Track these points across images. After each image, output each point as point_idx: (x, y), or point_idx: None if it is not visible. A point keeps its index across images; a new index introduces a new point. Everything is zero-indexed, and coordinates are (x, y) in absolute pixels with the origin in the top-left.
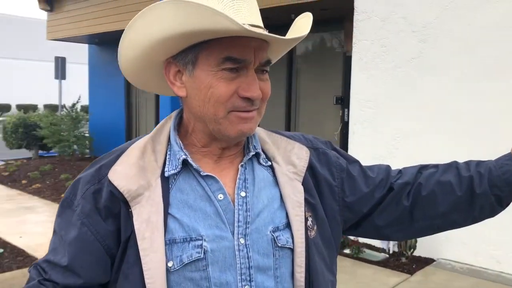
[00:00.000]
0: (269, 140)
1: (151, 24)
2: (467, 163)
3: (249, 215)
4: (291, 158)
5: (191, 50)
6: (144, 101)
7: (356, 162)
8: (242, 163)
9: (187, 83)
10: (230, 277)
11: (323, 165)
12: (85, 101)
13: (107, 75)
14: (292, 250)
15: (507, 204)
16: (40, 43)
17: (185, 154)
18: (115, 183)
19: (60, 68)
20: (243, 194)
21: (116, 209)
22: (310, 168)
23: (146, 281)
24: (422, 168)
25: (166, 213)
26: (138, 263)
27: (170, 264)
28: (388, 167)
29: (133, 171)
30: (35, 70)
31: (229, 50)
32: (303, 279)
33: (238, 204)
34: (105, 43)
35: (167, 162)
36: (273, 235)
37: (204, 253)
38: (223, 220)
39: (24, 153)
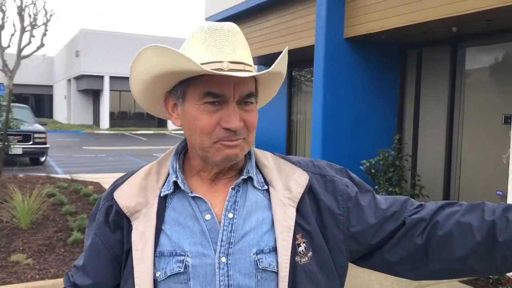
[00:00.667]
0: (272, 165)
1: (145, 63)
2: (497, 205)
3: (233, 236)
4: (290, 183)
5: (181, 85)
6: (303, 118)
7: (370, 192)
8: (233, 186)
9: (181, 115)
10: None
11: (328, 193)
12: None
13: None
14: (276, 273)
15: None
16: None
17: (176, 177)
18: (118, 200)
19: None
20: (230, 215)
21: (122, 223)
22: (312, 194)
23: (137, 284)
24: (446, 205)
25: (159, 229)
26: (131, 271)
27: (157, 275)
28: (407, 199)
29: (135, 190)
30: None
31: (209, 86)
32: None
33: (224, 225)
34: (271, 64)
35: (166, 184)
36: (256, 257)
37: (185, 267)
38: (207, 239)
39: None
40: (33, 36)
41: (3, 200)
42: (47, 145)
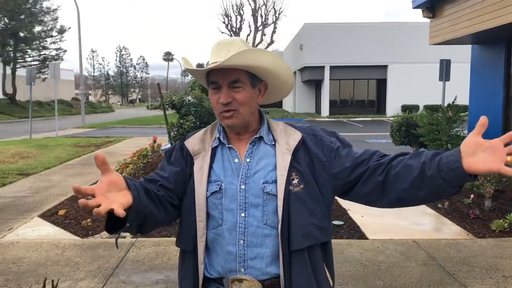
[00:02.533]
0: (280, 129)
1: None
2: (431, 152)
3: (249, 172)
4: (289, 140)
5: (206, 78)
6: None
7: (349, 146)
8: (250, 141)
9: None
10: (234, 206)
11: (318, 146)
12: (462, 100)
13: (488, 74)
14: (276, 196)
15: (457, 187)
16: (425, 45)
17: (219, 135)
18: (187, 146)
19: (445, 70)
20: (248, 160)
21: (188, 159)
22: (306, 148)
23: (196, 201)
24: (402, 154)
25: (211, 166)
26: (193, 189)
27: (208, 194)
28: (375, 151)
29: (197, 141)
30: (420, 72)
31: (210, 78)
32: (281, 214)
33: (243, 166)
34: (486, 41)
35: (215, 140)
36: (263, 185)
37: (220, 189)
38: (234, 173)
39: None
40: (264, 35)
41: None
42: None
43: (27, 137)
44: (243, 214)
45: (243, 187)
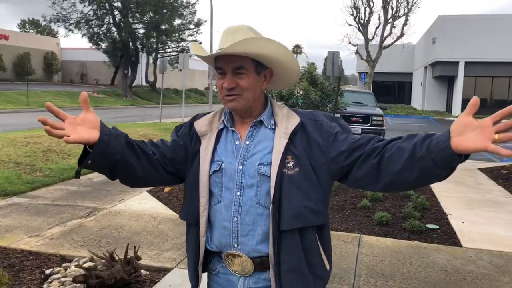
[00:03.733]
0: (283, 113)
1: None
2: (424, 134)
3: (247, 154)
4: (288, 124)
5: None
6: None
7: (348, 132)
8: (251, 125)
9: None
10: (232, 184)
11: (316, 131)
12: None
13: None
14: (269, 177)
15: (447, 168)
16: None
17: (224, 118)
18: (195, 126)
19: None
20: (247, 142)
21: (194, 137)
22: (303, 131)
23: (200, 178)
24: (397, 138)
25: (215, 147)
26: (198, 167)
27: (210, 172)
28: (373, 136)
29: (205, 123)
30: None
31: (217, 63)
32: (272, 195)
33: (242, 147)
34: None
35: (221, 123)
36: (258, 167)
37: (220, 168)
38: (234, 154)
39: None
40: (394, 27)
41: None
42: (383, 127)
43: (158, 121)
44: (238, 193)
45: (240, 167)
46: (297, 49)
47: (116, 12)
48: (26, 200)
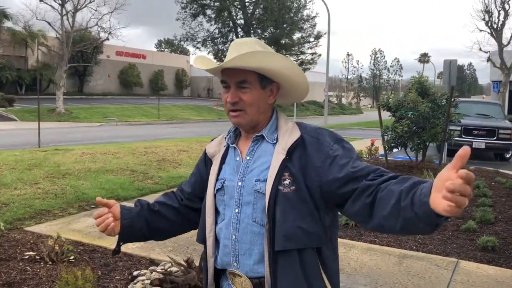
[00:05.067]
0: (288, 128)
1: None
2: (416, 179)
3: (246, 170)
4: (288, 139)
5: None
6: None
7: (350, 158)
8: (252, 139)
9: None
10: (231, 202)
11: (315, 150)
12: None
13: None
14: (264, 194)
15: (430, 225)
16: None
17: (228, 136)
18: (206, 150)
19: None
20: (248, 158)
21: (208, 161)
22: (302, 148)
23: (206, 198)
24: (393, 176)
25: (221, 165)
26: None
27: (214, 191)
28: (376, 169)
29: (215, 144)
30: None
31: (222, 76)
32: (266, 213)
33: (243, 163)
34: None
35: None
36: (254, 183)
37: (223, 186)
38: (235, 171)
39: None
40: None
41: None
42: (511, 142)
43: None
44: (237, 210)
45: (239, 183)
46: (424, 58)
47: (239, 29)
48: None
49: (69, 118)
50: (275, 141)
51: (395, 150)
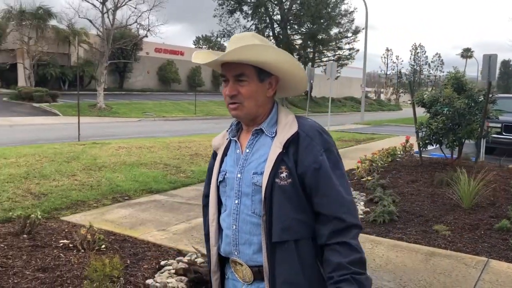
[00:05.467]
0: (287, 122)
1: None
2: (332, 267)
3: (245, 163)
4: (286, 134)
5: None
6: None
7: (329, 177)
8: (252, 133)
9: None
10: (232, 193)
11: (305, 149)
12: None
13: None
14: (261, 187)
15: None
16: None
17: (230, 129)
18: (212, 143)
19: None
20: (247, 150)
21: (214, 154)
22: (296, 144)
23: (211, 187)
24: (333, 242)
25: (224, 157)
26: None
27: (217, 183)
28: (336, 210)
29: (219, 137)
30: None
31: (222, 71)
32: (263, 205)
33: (242, 156)
34: None
35: None
36: (252, 176)
37: (224, 178)
38: (235, 163)
39: None
40: None
41: (452, 180)
42: None
43: None
44: (236, 201)
45: (239, 175)
46: (466, 53)
47: (275, 25)
48: (165, 197)
49: (109, 113)
50: (273, 135)
51: (430, 147)
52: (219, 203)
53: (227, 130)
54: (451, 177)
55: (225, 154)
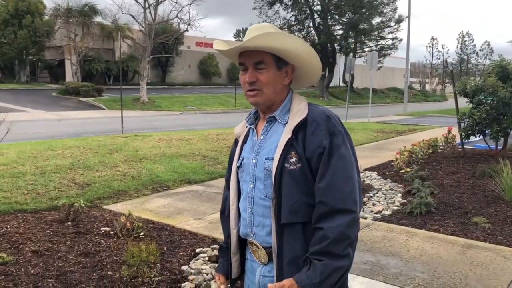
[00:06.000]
0: (299, 109)
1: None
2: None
3: (259, 149)
4: (295, 120)
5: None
6: None
7: (332, 154)
8: (266, 120)
9: None
10: (248, 178)
11: (311, 134)
12: None
13: None
14: (271, 172)
15: None
16: None
17: (249, 118)
18: (234, 131)
19: None
20: (262, 137)
21: (236, 141)
22: (304, 129)
23: (232, 173)
24: (319, 226)
25: (243, 145)
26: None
27: (236, 168)
28: (320, 205)
29: (241, 125)
30: None
31: (240, 59)
32: (273, 189)
33: (257, 143)
34: None
35: None
36: (263, 161)
37: (241, 163)
38: (252, 150)
39: None
40: None
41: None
42: None
43: (344, 121)
44: (251, 186)
45: (254, 161)
46: None
47: (315, 16)
48: (202, 188)
49: (151, 107)
50: (286, 122)
51: (473, 138)
52: (239, 188)
53: (246, 119)
54: (494, 169)
55: (244, 141)
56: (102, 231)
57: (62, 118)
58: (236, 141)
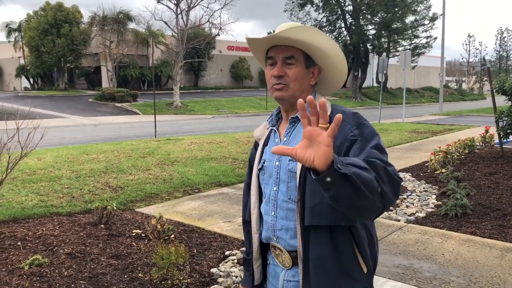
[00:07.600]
0: None
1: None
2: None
3: None
4: None
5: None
6: None
7: (367, 142)
8: (289, 121)
9: None
10: (270, 181)
11: (340, 131)
12: None
13: None
14: (295, 173)
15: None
16: None
17: (270, 119)
18: (254, 133)
19: None
20: (285, 139)
21: (256, 144)
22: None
23: (252, 176)
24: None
25: (264, 148)
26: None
27: (258, 171)
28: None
29: (261, 128)
30: None
31: (269, 53)
32: (298, 190)
33: (280, 144)
34: None
35: None
36: (287, 163)
37: (262, 166)
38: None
39: None
40: None
41: None
42: None
43: (376, 122)
44: (275, 188)
45: (277, 163)
46: None
47: (347, 16)
48: (232, 190)
49: (185, 111)
50: None
51: (511, 137)
52: (260, 191)
53: (267, 120)
54: None
55: (265, 144)
56: (134, 234)
57: (98, 123)
58: (256, 144)
